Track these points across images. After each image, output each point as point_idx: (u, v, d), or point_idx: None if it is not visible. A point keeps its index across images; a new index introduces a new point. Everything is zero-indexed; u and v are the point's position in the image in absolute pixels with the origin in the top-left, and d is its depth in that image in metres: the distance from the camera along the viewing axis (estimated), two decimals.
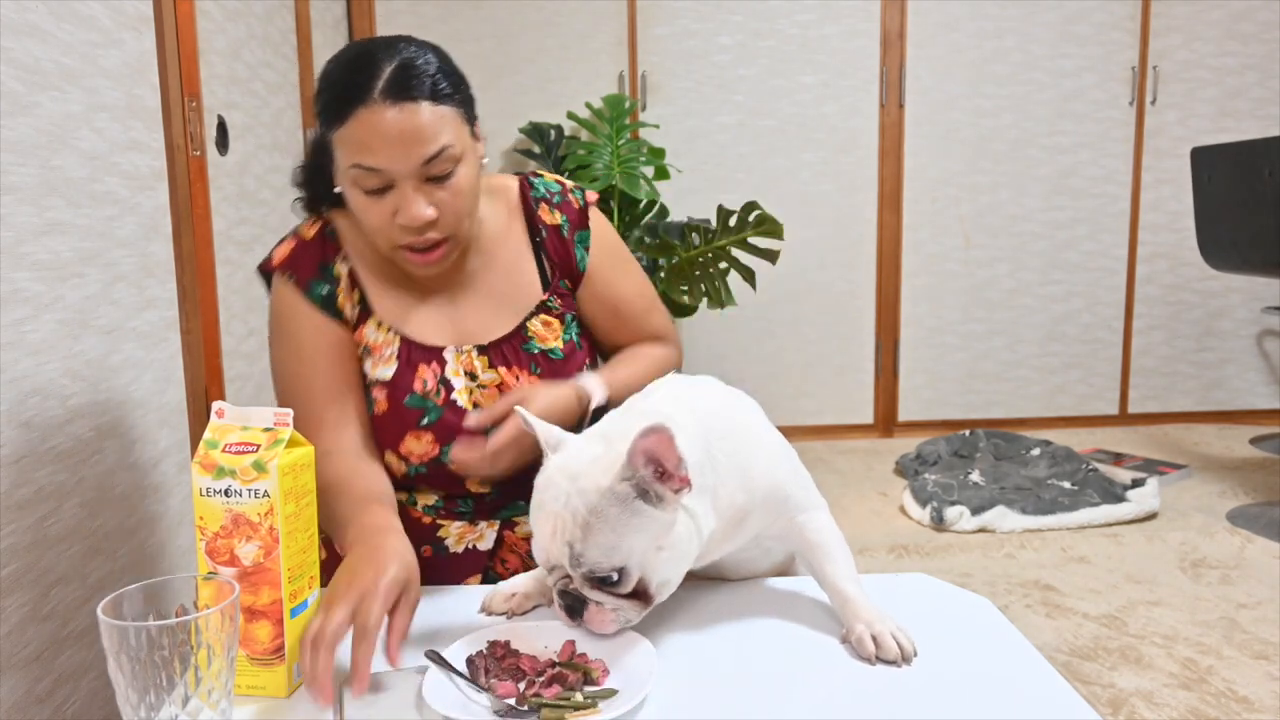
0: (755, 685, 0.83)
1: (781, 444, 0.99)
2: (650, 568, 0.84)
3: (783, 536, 0.97)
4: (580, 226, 1.20)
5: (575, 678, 0.79)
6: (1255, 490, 3.06)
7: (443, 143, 1.01)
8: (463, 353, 1.13)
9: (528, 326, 1.15)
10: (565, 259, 1.19)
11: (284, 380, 1.14)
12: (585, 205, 1.21)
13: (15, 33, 1.12)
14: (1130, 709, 1.79)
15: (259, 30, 2.35)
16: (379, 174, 1.01)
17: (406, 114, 0.99)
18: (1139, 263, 3.85)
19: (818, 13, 3.63)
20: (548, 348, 1.15)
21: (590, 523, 0.82)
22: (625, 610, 0.85)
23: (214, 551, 0.81)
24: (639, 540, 0.83)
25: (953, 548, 2.64)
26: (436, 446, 1.10)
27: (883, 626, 0.87)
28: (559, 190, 1.21)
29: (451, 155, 1.02)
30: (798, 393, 3.80)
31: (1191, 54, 3.72)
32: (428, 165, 1.01)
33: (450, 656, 0.83)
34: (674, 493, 0.83)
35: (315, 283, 1.13)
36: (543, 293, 1.18)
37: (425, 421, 1.10)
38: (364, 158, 1.00)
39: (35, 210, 1.14)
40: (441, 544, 1.15)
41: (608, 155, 3.23)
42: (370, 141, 0.99)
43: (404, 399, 1.10)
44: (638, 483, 0.82)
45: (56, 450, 1.15)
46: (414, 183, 1.01)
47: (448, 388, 1.11)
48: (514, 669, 0.82)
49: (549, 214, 1.19)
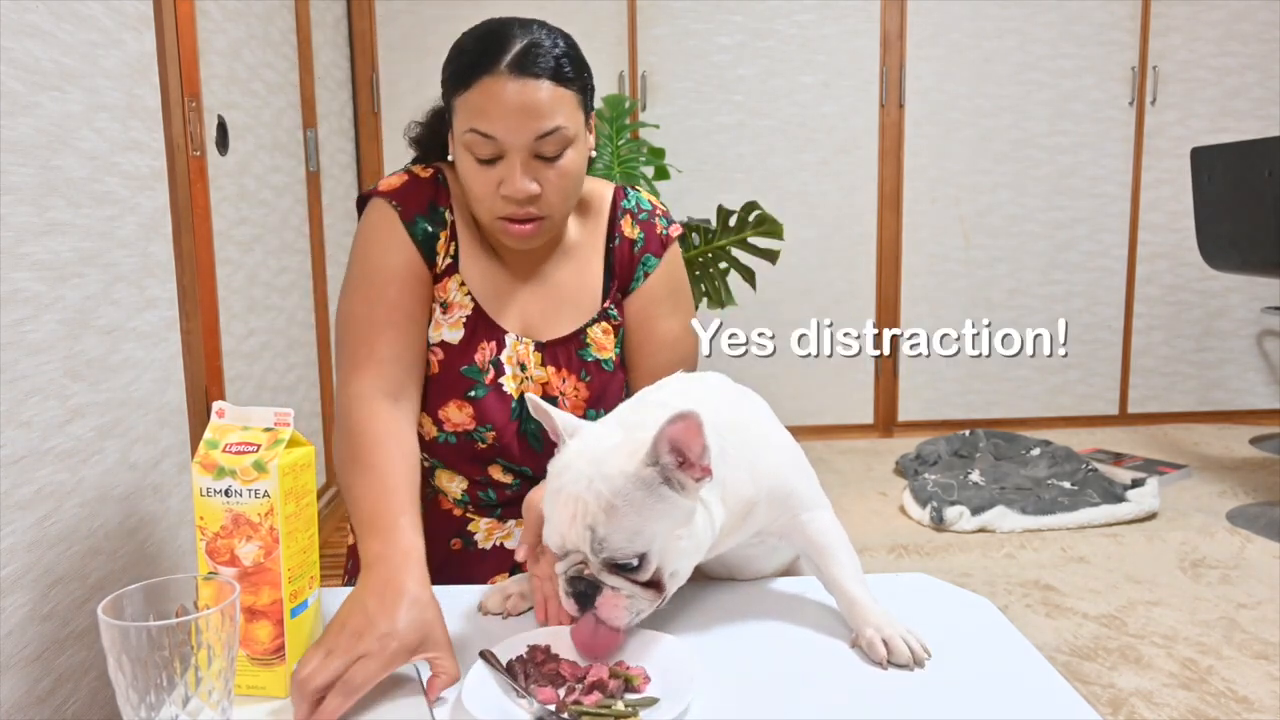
0: (755, 685, 0.83)
1: (789, 441, 0.99)
2: (668, 555, 0.84)
3: (787, 534, 0.97)
4: (652, 251, 1.20)
5: (616, 685, 0.78)
6: (1255, 490, 3.06)
7: (558, 122, 1.03)
8: (522, 342, 1.15)
9: (588, 332, 1.17)
10: (626, 273, 1.20)
11: (348, 301, 1.12)
12: (667, 235, 1.21)
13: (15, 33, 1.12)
14: (1130, 709, 1.79)
15: (259, 30, 2.35)
16: (493, 142, 1.03)
17: (528, 89, 1.02)
18: (1139, 263, 3.85)
19: (818, 13, 3.63)
20: (603, 357, 1.17)
21: (615, 506, 0.81)
22: (639, 599, 0.83)
23: (214, 551, 0.81)
24: (662, 526, 0.82)
25: (953, 548, 2.64)
26: (473, 421, 1.12)
27: (893, 630, 0.86)
28: (649, 210, 1.22)
29: (564, 136, 1.04)
30: (798, 393, 3.80)
31: (1191, 54, 3.72)
32: (540, 141, 1.03)
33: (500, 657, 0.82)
34: (695, 481, 0.83)
35: (421, 218, 1.13)
36: (602, 301, 1.18)
37: (472, 394, 1.12)
38: (481, 123, 1.03)
39: (35, 210, 1.14)
40: (471, 538, 1.16)
41: (608, 155, 3.23)
42: (490, 109, 1.02)
43: (462, 367, 1.12)
44: (661, 469, 0.82)
45: (56, 450, 1.15)
46: (524, 156, 1.04)
47: (498, 369, 1.13)
48: (554, 674, 0.80)
49: (629, 227, 1.20)
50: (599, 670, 0.79)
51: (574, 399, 1.15)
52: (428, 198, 1.15)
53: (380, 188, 1.15)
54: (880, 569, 2.51)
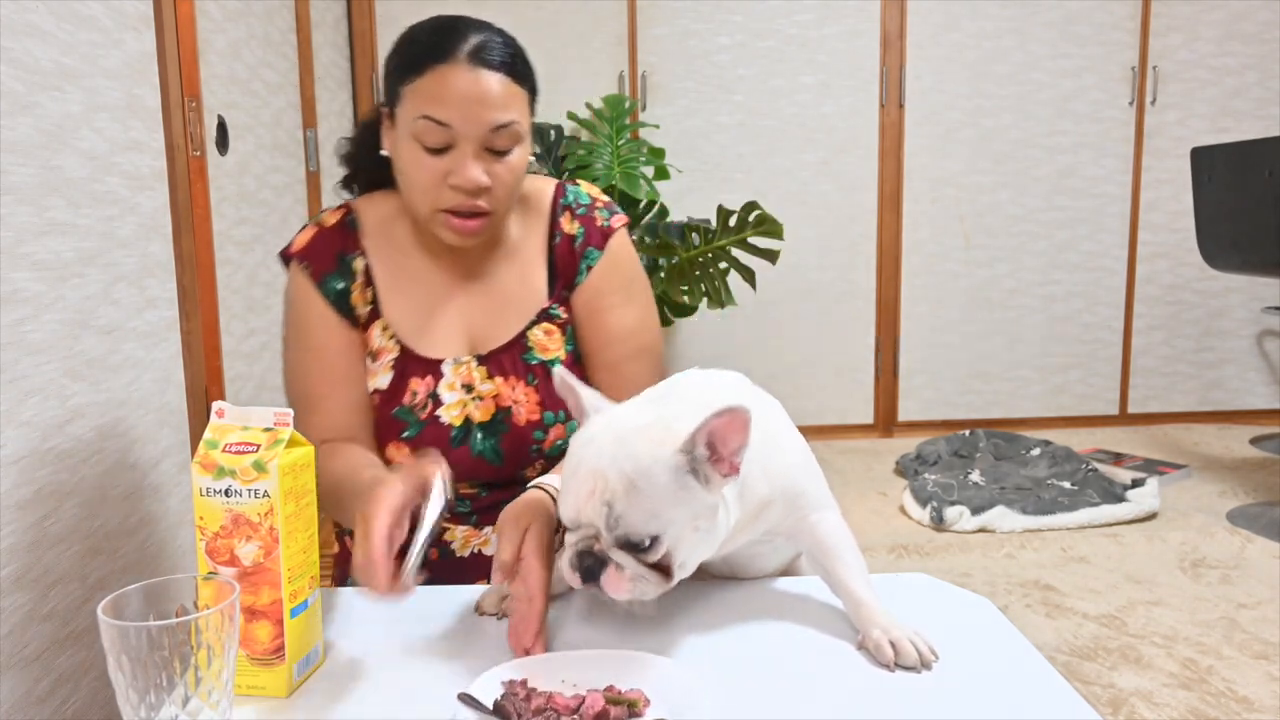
0: (754, 685, 0.83)
1: (801, 443, 0.99)
2: (681, 544, 0.82)
3: (794, 535, 0.96)
4: (593, 243, 1.17)
5: (619, 711, 0.76)
6: (1255, 490, 3.06)
7: (512, 116, 1.04)
8: (461, 364, 1.13)
9: (528, 336, 1.15)
10: (569, 270, 1.18)
11: (288, 366, 1.16)
12: (609, 227, 1.19)
13: (15, 33, 1.12)
14: (1130, 709, 1.79)
15: (259, 30, 2.35)
16: (446, 130, 1.02)
17: (484, 79, 1.02)
18: (1139, 263, 3.85)
19: (818, 13, 3.63)
20: (548, 358, 1.15)
21: (637, 486, 0.80)
22: (645, 581, 0.82)
23: (214, 551, 0.81)
24: (680, 513, 0.81)
25: (953, 548, 2.64)
26: (414, 459, 1.11)
27: (900, 632, 0.86)
28: (588, 204, 1.19)
29: (516, 132, 1.05)
30: (798, 393, 3.79)
31: (1191, 54, 3.72)
32: (493, 134, 1.03)
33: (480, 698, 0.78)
34: (722, 477, 0.82)
35: (330, 277, 1.13)
36: (546, 299, 1.17)
37: (406, 434, 1.12)
38: (435, 110, 1.02)
39: (35, 210, 1.14)
40: (448, 547, 1.15)
41: (608, 155, 3.23)
42: (445, 95, 1.01)
43: (392, 410, 1.12)
44: (692, 459, 0.81)
45: (56, 450, 1.15)
46: (475, 147, 1.03)
47: (436, 402, 1.12)
48: (545, 709, 0.77)
49: (569, 223, 1.18)
50: (595, 700, 0.76)
51: (527, 405, 1.13)
52: (335, 250, 1.14)
53: (293, 247, 1.15)
54: (880, 569, 2.51)
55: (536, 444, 1.14)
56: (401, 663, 0.88)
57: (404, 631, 0.94)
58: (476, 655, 0.87)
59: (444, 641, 0.92)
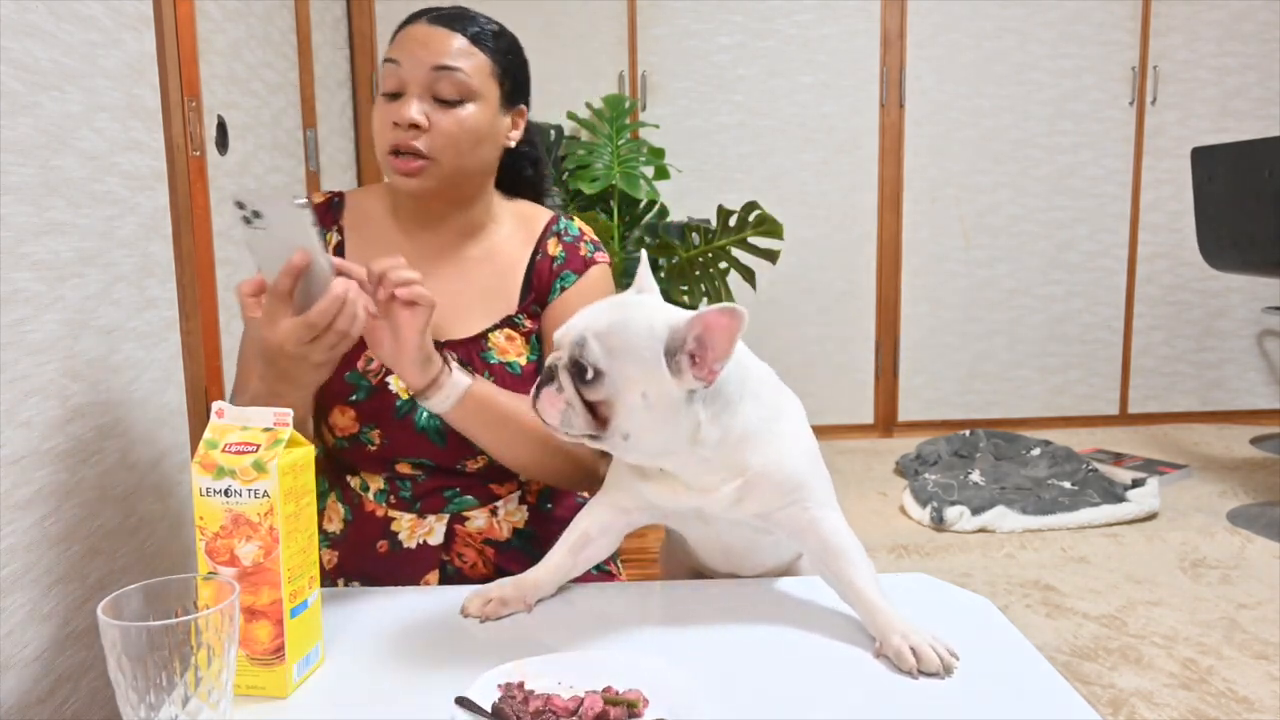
0: (753, 686, 0.83)
1: (813, 444, 1.01)
2: (622, 400, 0.86)
3: (796, 531, 0.95)
4: (572, 268, 1.20)
5: (619, 712, 0.76)
6: (1255, 490, 3.06)
7: (458, 64, 1.09)
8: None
9: (489, 337, 1.16)
10: (543, 287, 1.20)
11: (246, 325, 1.14)
12: (591, 259, 1.22)
13: (15, 33, 1.12)
14: (1130, 709, 1.79)
15: (259, 30, 2.35)
16: (396, 72, 1.09)
17: (439, 33, 1.10)
18: (1139, 263, 3.85)
19: (818, 13, 3.63)
20: (506, 360, 1.16)
21: (614, 330, 0.86)
22: (573, 412, 0.87)
23: (214, 551, 0.81)
24: (635, 373, 0.85)
25: (953, 548, 2.64)
26: (357, 424, 1.13)
27: (919, 638, 0.85)
28: (576, 235, 1.23)
29: (462, 82, 1.09)
30: (798, 392, 3.76)
31: (1191, 54, 3.72)
32: (436, 75, 1.08)
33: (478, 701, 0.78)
34: (694, 378, 0.85)
35: None
36: (516, 308, 1.19)
37: (354, 398, 1.13)
38: (392, 52, 1.10)
39: (35, 210, 1.14)
40: (395, 538, 1.16)
41: (608, 155, 3.23)
42: (402, 42, 1.11)
43: (345, 373, 1.13)
44: (675, 342, 0.85)
45: (56, 450, 1.15)
46: (420, 89, 1.08)
47: (387, 370, 1.13)
48: (544, 711, 0.76)
49: (554, 246, 1.21)
50: (593, 701, 0.76)
51: None
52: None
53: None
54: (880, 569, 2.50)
55: None
56: (401, 663, 0.88)
57: (404, 632, 0.94)
58: (476, 655, 0.88)
59: (443, 642, 0.92)
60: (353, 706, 0.81)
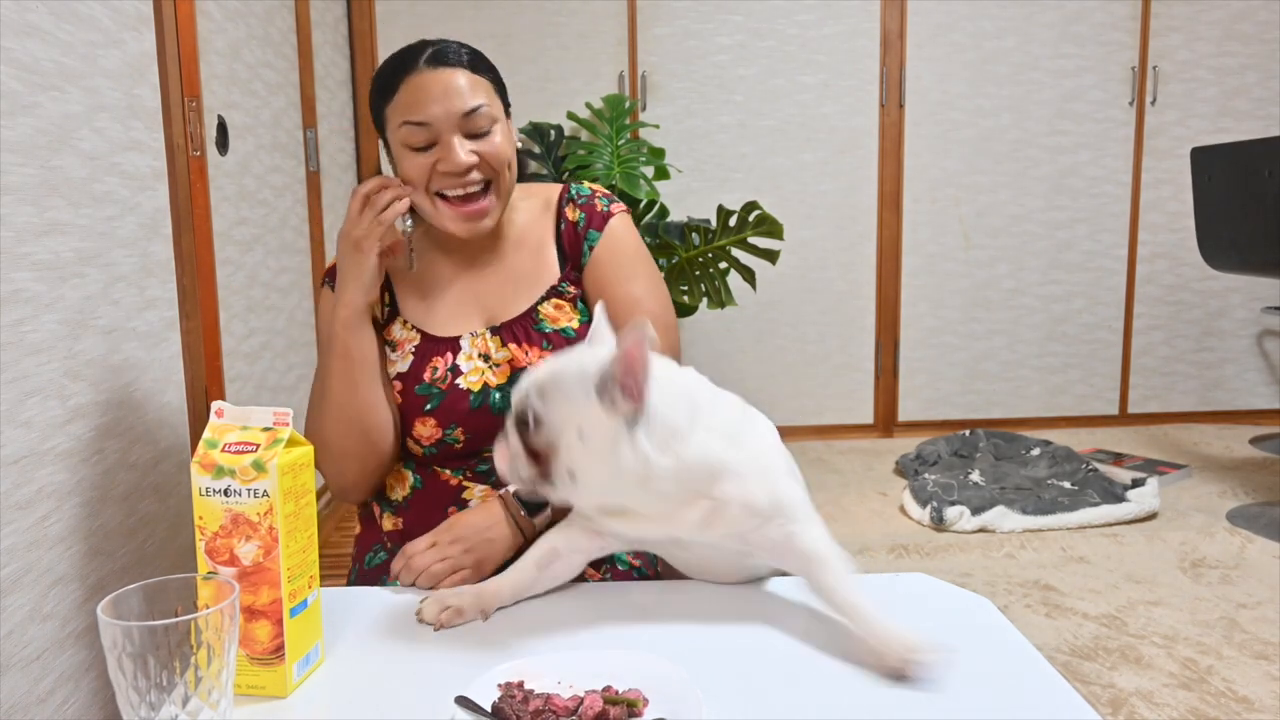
0: (752, 686, 0.83)
1: (784, 463, 0.99)
2: (562, 441, 0.89)
3: (775, 550, 0.94)
4: (594, 226, 1.27)
5: (619, 711, 0.76)
6: (1255, 490, 3.06)
7: (480, 100, 1.16)
8: (478, 336, 1.21)
9: (539, 309, 1.23)
10: (575, 251, 1.27)
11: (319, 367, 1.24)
12: (608, 212, 1.28)
13: (15, 33, 1.12)
14: (1130, 709, 1.79)
15: (259, 30, 2.35)
16: (425, 128, 1.14)
17: (445, 74, 1.15)
18: (1139, 263, 3.85)
19: (818, 13, 3.63)
20: (559, 327, 1.22)
21: (550, 375, 0.91)
22: (520, 462, 0.91)
23: (214, 551, 0.81)
24: (570, 413, 0.89)
25: (953, 548, 2.64)
26: (440, 430, 1.18)
27: (918, 654, 0.83)
28: (589, 195, 1.30)
29: (488, 114, 1.16)
30: (798, 393, 3.80)
31: (1191, 54, 3.72)
32: (467, 119, 1.14)
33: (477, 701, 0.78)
34: (626, 402, 0.87)
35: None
36: (558, 278, 1.25)
37: (429, 407, 1.18)
38: (412, 114, 1.14)
39: (35, 210, 1.14)
40: (465, 504, 1.19)
41: (608, 155, 3.23)
42: (417, 99, 1.14)
43: (414, 388, 1.19)
44: (604, 378, 0.87)
45: (56, 450, 1.15)
46: (456, 135, 1.14)
47: (455, 373, 1.19)
48: (544, 711, 0.76)
49: (572, 211, 1.28)
50: (593, 701, 0.76)
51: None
52: None
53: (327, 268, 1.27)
54: (880, 569, 2.51)
55: None
56: (401, 663, 0.88)
57: (404, 631, 0.94)
58: (476, 655, 0.88)
59: (443, 642, 0.92)
60: (353, 706, 0.81)
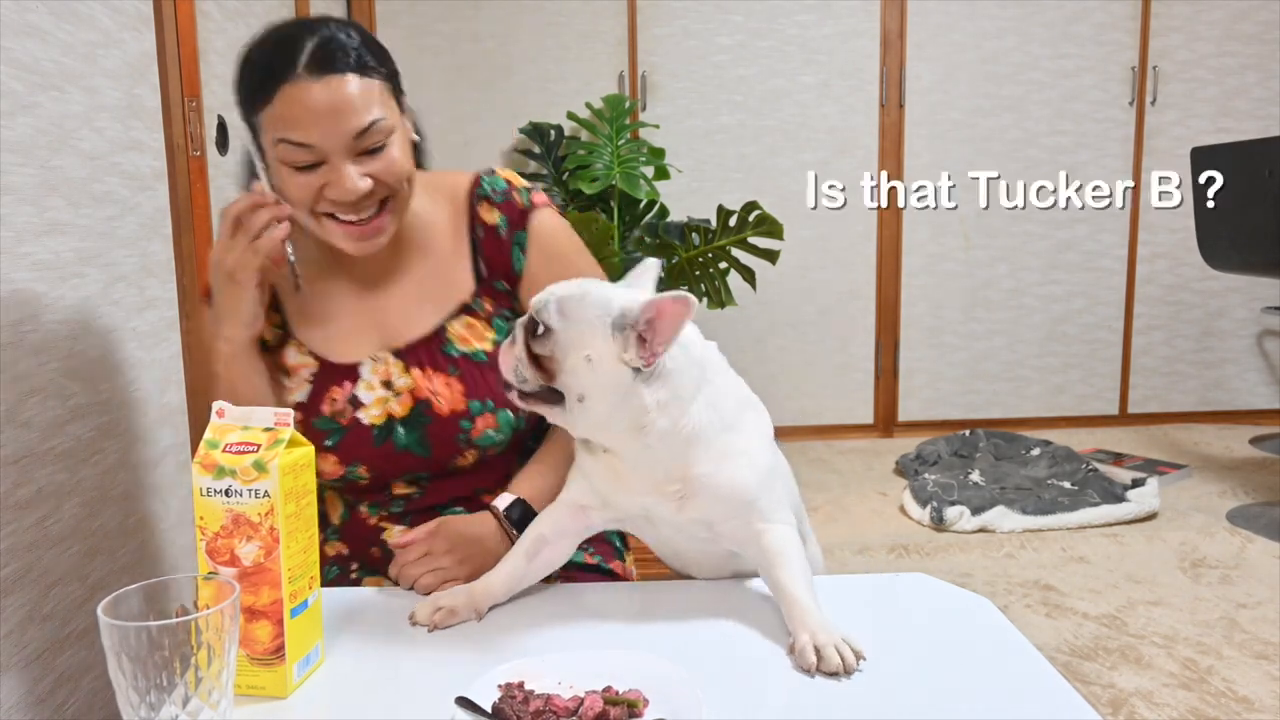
0: (753, 686, 0.83)
1: (771, 459, 0.99)
2: (569, 360, 0.90)
3: (741, 543, 0.97)
4: (519, 227, 1.14)
5: (619, 712, 0.75)
6: (1255, 490, 3.06)
7: (374, 115, 1.00)
8: (379, 362, 1.11)
9: (447, 328, 1.12)
10: (502, 260, 1.15)
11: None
12: (530, 206, 1.15)
13: (15, 33, 1.12)
14: (1130, 709, 1.79)
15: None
16: (309, 149, 0.99)
17: (333, 87, 0.98)
18: (1139, 263, 3.85)
19: (818, 13, 3.63)
20: (469, 350, 1.12)
21: (575, 294, 0.91)
22: (523, 367, 0.91)
23: (214, 551, 0.81)
24: (583, 336, 0.89)
25: (953, 548, 2.64)
26: (341, 466, 1.11)
27: (826, 637, 0.84)
28: (504, 189, 1.16)
29: (383, 128, 1.01)
30: (798, 393, 3.79)
31: (1191, 54, 3.72)
32: (360, 139, 1.00)
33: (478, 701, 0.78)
34: (636, 354, 0.88)
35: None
36: (469, 293, 1.14)
37: (329, 443, 1.10)
38: (291, 132, 0.98)
39: (35, 210, 1.14)
40: (385, 545, 1.14)
41: (608, 155, 3.22)
42: (298, 116, 0.98)
43: (313, 421, 1.10)
44: (626, 321, 0.88)
45: (56, 450, 1.15)
46: (346, 157, 1.00)
47: (355, 404, 1.10)
48: (544, 711, 0.76)
49: (488, 212, 1.15)
50: (593, 701, 0.76)
51: (449, 396, 1.10)
52: None
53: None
54: (880, 569, 2.51)
55: (464, 433, 1.11)
56: (401, 663, 0.88)
57: (404, 632, 0.94)
58: (476, 655, 0.88)
59: (443, 641, 0.92)
60: (353, 706, 0.81)
